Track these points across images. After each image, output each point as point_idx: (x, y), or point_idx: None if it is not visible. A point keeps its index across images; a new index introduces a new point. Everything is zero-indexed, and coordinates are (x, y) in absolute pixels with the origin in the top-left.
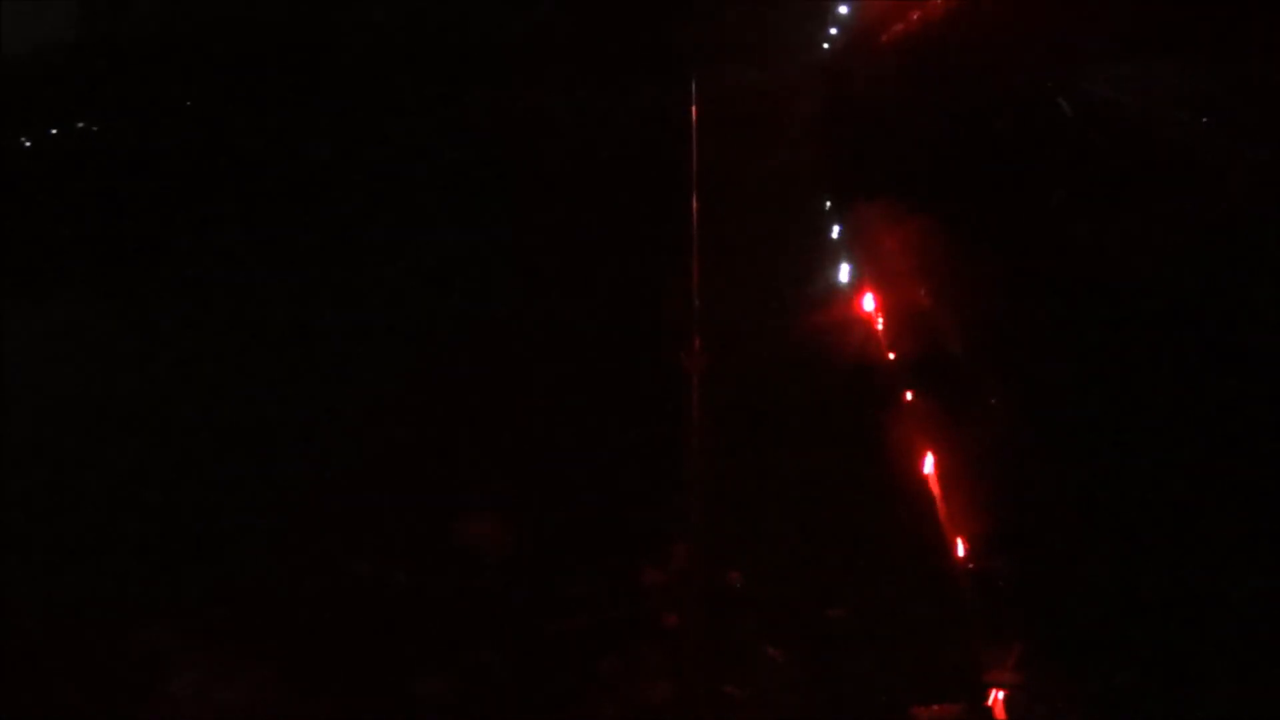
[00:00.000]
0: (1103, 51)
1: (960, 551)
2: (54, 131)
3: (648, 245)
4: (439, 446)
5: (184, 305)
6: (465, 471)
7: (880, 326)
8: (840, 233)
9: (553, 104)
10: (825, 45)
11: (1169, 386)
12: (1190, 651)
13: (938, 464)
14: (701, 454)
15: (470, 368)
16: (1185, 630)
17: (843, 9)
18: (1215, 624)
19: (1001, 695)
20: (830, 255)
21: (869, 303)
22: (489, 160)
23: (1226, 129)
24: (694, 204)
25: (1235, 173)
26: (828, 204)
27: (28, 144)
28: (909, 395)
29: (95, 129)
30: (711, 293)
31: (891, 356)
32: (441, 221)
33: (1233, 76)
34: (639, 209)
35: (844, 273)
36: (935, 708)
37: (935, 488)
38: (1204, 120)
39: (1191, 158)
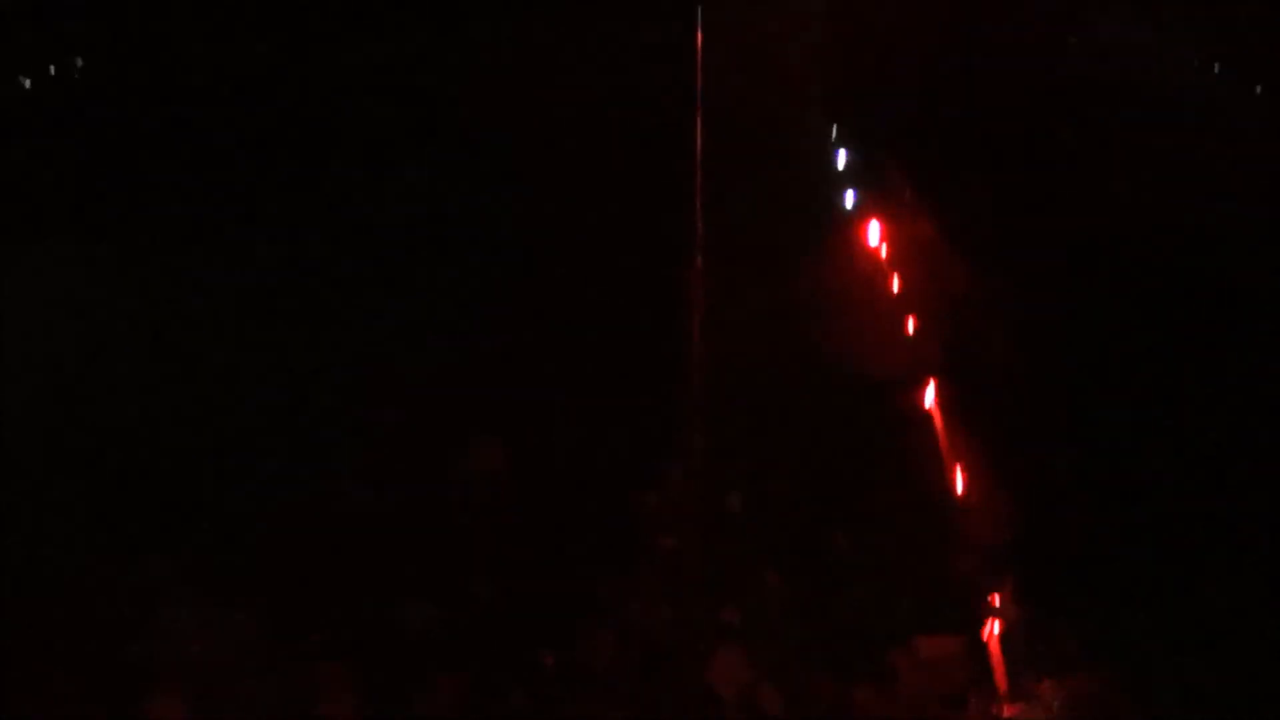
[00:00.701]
0: None
1: (962, 484)
2: (53, 70)
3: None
4: (436, 375)
5: (186, 242)
6: (460, 398)
7: (884, 256)
8: (847, 164)
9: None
10: None
11: (1172, 335)
12: (1191, 589)
13: (940, 396)
14: (699, 372)
15: (469, 298)
16: (1187, 567)
17: None
18: (1216, 558)
19: (999, 628)
20: (836, 188)
21: (874, 232)
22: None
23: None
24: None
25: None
26: (833, 131)
27: (28, 84)
28: (911, 327)
29: (95, 67)
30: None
31: (895, 289)
32: (442, 146)
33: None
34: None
35: (848, 201)
36: (937, 638)
37: (939, 420)
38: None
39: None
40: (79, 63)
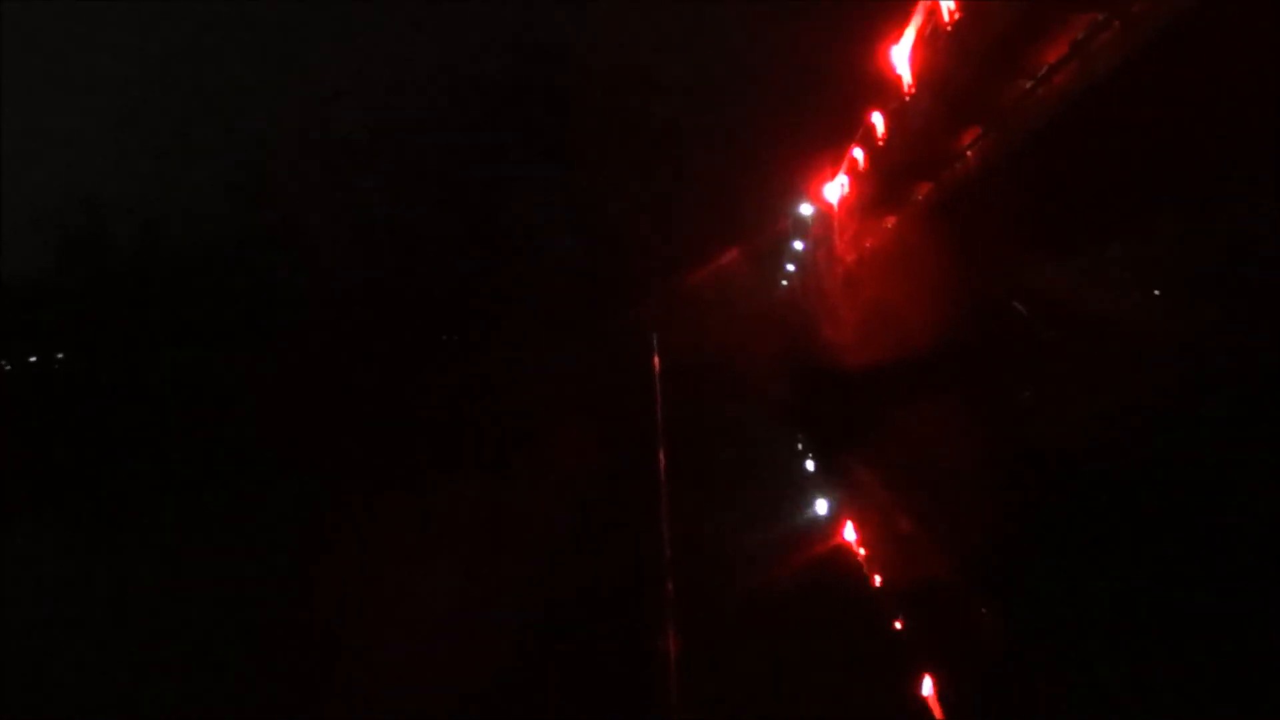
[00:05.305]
0: (1052, 249)
1: None
2: (33, 359)
3: None
4: None
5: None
6: None
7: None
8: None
9: None
10: (784, 282)
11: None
12: None
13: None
14: None
15: None
16: None
17: (798, 245)
18: None
19: None
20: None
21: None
22: None
23: (1177, 299)
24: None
25: (1187, 340)
26: (797, 437)
27: (7, 367)
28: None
29: (72, 360)
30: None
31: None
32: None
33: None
34: None
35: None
36: None
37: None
38: (1155, 293)
39: (1147, 331)
40: (59, 356)
